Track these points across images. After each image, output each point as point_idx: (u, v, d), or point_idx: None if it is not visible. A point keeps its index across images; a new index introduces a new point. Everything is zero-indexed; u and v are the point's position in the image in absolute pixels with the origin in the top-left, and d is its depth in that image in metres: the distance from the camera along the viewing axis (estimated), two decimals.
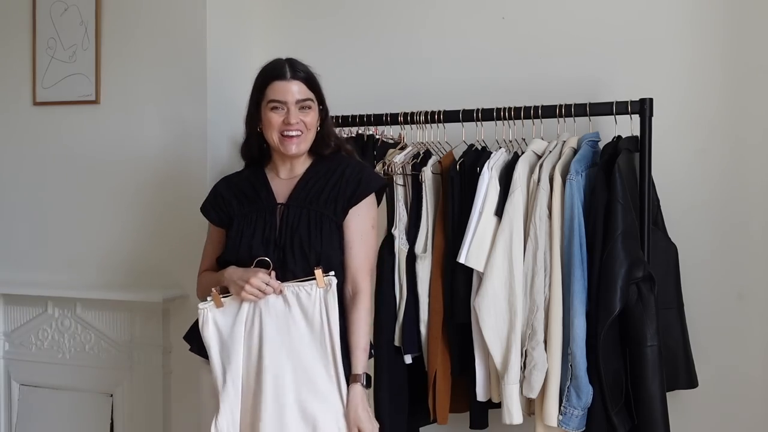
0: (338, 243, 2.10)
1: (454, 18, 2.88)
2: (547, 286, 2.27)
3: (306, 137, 2.15)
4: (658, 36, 2.62)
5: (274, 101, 2.12)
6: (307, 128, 2.13)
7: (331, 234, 2.09)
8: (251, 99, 2.20)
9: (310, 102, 2.14)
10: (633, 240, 2.22)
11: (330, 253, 2.07)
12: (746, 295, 2.55)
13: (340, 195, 2.12)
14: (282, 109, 2.11)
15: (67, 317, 3.04)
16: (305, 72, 2.15)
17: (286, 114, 2.11)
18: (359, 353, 2.05)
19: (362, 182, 2.15)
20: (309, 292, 2.03)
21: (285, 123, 2.11)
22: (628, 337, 2.23)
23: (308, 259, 2.05)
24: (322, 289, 2.03)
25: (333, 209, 2.10)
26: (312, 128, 2.15)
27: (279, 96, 2.12)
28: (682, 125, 2.58)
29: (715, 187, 2.57)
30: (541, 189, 2.28)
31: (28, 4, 3.11)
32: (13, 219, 3.16)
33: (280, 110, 2.11)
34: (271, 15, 3.11)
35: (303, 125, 2.12)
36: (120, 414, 2.98)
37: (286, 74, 2.12)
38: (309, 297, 2.03)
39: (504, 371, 2.28)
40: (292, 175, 2.19)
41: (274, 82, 2.13)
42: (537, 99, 2.46)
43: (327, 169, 2.18)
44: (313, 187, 2.14)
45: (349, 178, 2.14)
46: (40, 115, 3.11)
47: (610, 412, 2.21)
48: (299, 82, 2.13)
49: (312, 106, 2.14)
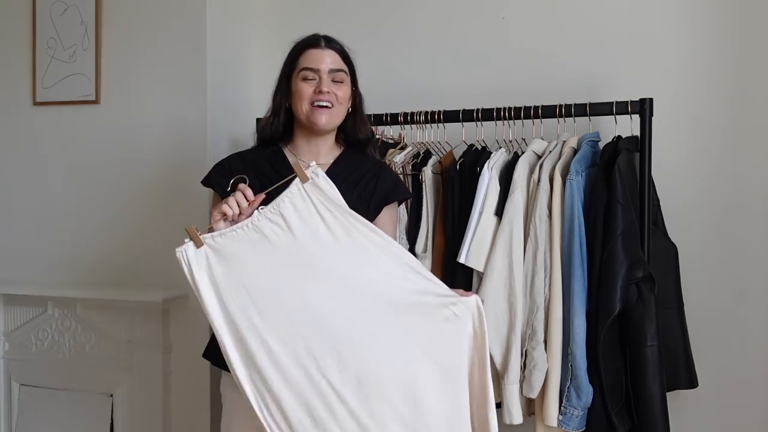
0: None
1: (454, 18, 2.88)
2: (547, 286, 2.27)
3: (337, 111, 2.03)
4: (658, 36, 2.62)
5: (306, 69, 2.02)
6: (338, 101, 2.02)
7: None
8: (282, 72, 2.09)
9: (343, 74, 2.05)
10: (633, 240, 2.22)
11: None
12: (746, 295, 2.55)
13: (375, 194, 2.04)
14: (314, 79, 2.02)
15: (67, 317, 3.04)
16: (341, 45, 2.08)
17: (318, 83, 2.01)
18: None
19: (398, 186, 2.10)
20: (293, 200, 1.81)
21: (316, 92, 2.01)
22: (628, 337, 2.23)
23: None
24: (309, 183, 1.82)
25: (366, 206, 2.01)
26: (344, 103, 2.05)
27: (312, 63, 2.02)
28: (682, 125, 2.59)
29: (715, 187, 2.57)
30: (541, 189, 2.29)
31: (28, 4, 3.11)
32: (13, 219, 3.16)
33: (312, 81, 2.02)
34: (271, 15, 3.11)
35: (335, 97, 2.01)
36: (120, 414, 2.98)
37: (320, 43, 2.05)
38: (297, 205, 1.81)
39: (504, 371, 2.28)
40: (319, 162, 1.99)
41: (307, 50, 2.05)
42: (537, 99, 2.46)
43: (359, 164, 2.09)
44: (345, 180, 2.02)
45: (386, 179, 2.08)
46: (40, 115, 3.11)
47: (610, 412, 2.21)
48: (334, 52, 2.05)
49: (345, 80, 2.05)
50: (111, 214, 3.01)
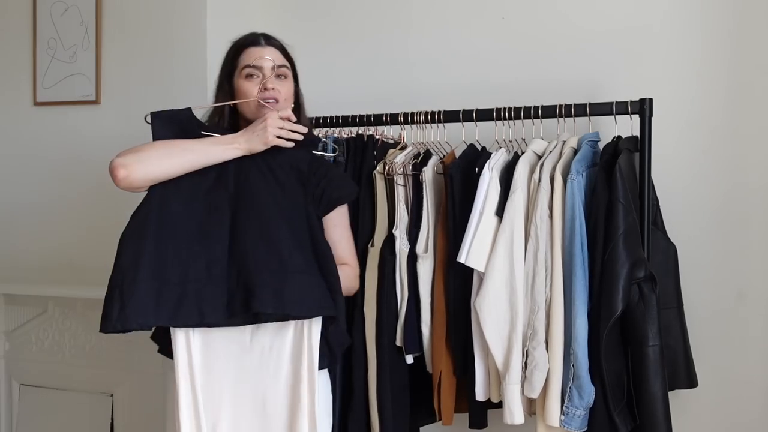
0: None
1: (454, 18, 2.88)
2: (548, 286, 2.27)
3: (282, 107, 2.04)
4: (658, 36, 2.63)
5: (249, 67, 2.04)
6: (283, 97, 2.05)
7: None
8: (222, 72, 2.11)
9: (286, 70, 2.07)
10: (634, 240, 2.22)
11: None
12: (746, 295, 2.55)
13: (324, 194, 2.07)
14: (257, 77, 2.04)
15: (68, 317, 3.04)
16: (280, 42, 2.10)
17: (262, 80, 2.03)
18: None
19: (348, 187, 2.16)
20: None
21: (261, 89, 2.02)
22: (629, 337, 2.23)
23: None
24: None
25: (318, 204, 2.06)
26: (289, 99, 2.07)
27: (254, 61, 2.03)
28: (682, 125, 2.59)
29: (715, 187, 2.57)
30: (541, 189, 2.29)
31: (28, 4, 3.11)
32: (13, 219, 3.16)
33: (255, 78, 2.04)
34: (271, 16, 3.11)
35: (279, 93, 2.04)
36: (120, 414, 2.98)
37: (260, 41, 2.07)
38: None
39: (505, 371, 2.28)
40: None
41: (248, 48, 2.06)
42: (537, 99, 2.46)
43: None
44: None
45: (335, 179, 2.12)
46: (40, 115, 3.11)
47: (612, 412, 2.21)
48: (274, 49, 2.07)
49: (288, 75, 2.07)
50: (111, 214, 3.00)
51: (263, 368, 1.92)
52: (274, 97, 2.03)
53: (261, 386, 1.93)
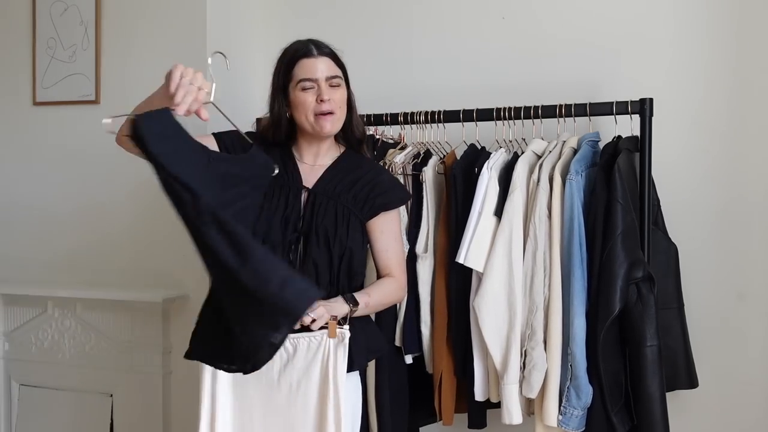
0: (362, 241, 2.07)
1: (454, 18, 2.88)
2: (546, 286, 2.26)
3: (339, 116, 2.07)
4: (658, 36, 2.62)
5: (304, 80, 2.04)
6: (339, 106, 2.06)
7: (356, 231, 2.05)
8: (276, 83, 2.11)
9: (339, 79, 2.08)
10: (633, 240, 2.21)
11: (354, 249, 2.03)
12: (746, 295, 2.55)
13: (368, 200, 2.07)
14: (313, 88, 2.04)
15: (67, 317, 3.04)
16: (330, 49, 2.11)
17: (318, 92, 2.04)
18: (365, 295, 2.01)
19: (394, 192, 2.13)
20: (314, 340, 1.94)
21: (318, 101, 2.03)
22: (627, 337, 2.23)
23: (332, 251, 2.00)
24: (332, 339, 1.93)
25: (360, 208, 2.06)
26: (343, 106, 2.08)
27: (309, 74, 2.04)
28: (682, 125, 2.58)
29: (715, 187, 2.57)
30: (540, 189, 2.28)
31: (28, 4, 3.11)
32: (13, 219, 3.16)
33: (311, 89, 2.04)
34: (271, 15, 3.11)
35: (335, 103, 2.05)
36: (120, 414, 2.98)
37: (312, 51, 2.06)
38: (311, 348, 1.95)
39: (504, 371, 2.28)
40: (317, 163, 2.12)
41: (301, 60, 2.06)
42: (537, 99, 2.45)
43: (357, 166, 2.12)
44: (342, 181, 2.08)
45: (383, 187, 2.10)
46: (40, 115, 3.11)
47: (610, 412, 2.21)
48: (327, 58, 2.07)
49: (341, 84, 2.08)
50: (111, 214, 3.01)
51: (291, 406, 1.97)
52: (331, 108, 2.04)
53: (289, 422, 1.97)
